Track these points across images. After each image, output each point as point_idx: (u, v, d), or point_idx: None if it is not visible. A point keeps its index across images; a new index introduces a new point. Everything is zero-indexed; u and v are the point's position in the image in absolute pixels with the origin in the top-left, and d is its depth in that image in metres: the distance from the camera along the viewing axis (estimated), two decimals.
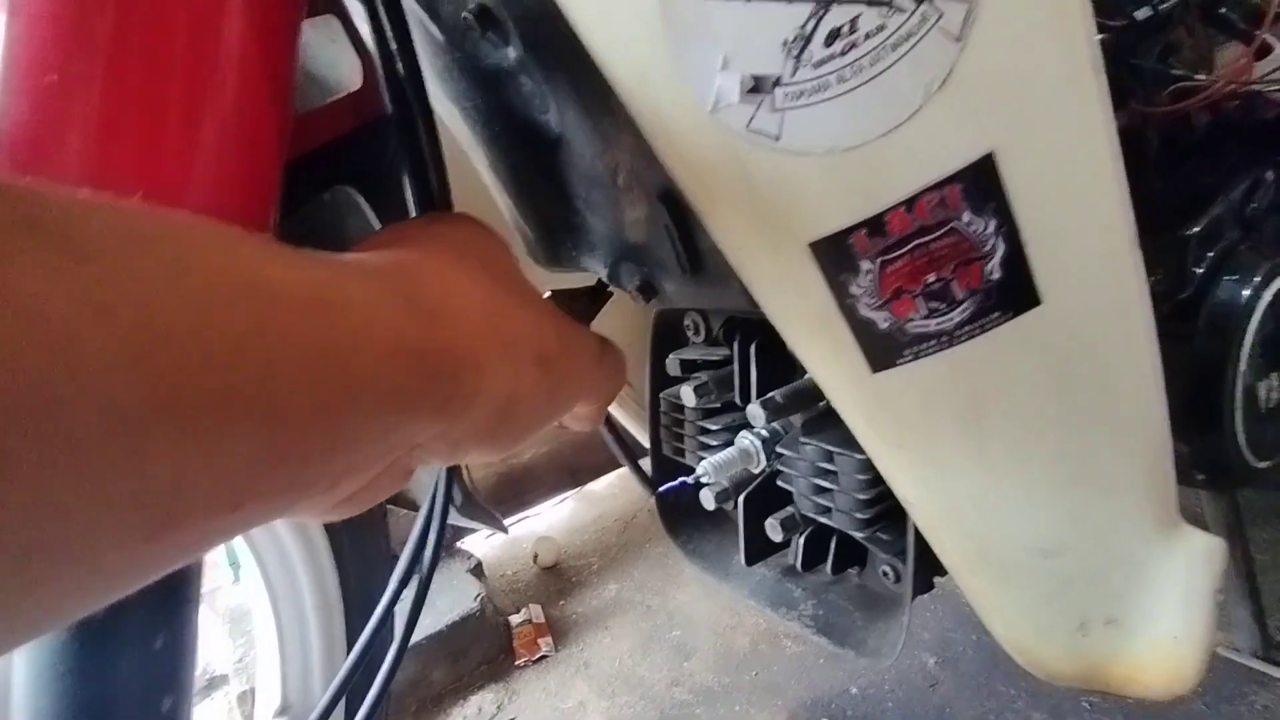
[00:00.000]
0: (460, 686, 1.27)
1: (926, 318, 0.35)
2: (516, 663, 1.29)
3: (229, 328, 0.17)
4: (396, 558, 0.69)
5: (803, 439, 0.58)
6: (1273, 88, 0.69)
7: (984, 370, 0.37)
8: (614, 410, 0.85)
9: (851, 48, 0.29)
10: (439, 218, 0.36)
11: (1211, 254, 0.60)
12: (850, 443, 0.55)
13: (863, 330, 0.36)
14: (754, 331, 0.64)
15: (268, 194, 0.37)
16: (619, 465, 1.71)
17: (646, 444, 0.81)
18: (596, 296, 0.55)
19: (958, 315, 0.35)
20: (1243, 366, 0.57)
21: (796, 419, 0.63)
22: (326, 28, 0.52)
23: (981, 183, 0.32)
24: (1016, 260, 0.34)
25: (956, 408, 0.39)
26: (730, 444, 0.66)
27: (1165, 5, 0.66)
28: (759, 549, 0.68)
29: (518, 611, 1.42)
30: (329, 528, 0.65)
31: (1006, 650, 0.54)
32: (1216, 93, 0.65)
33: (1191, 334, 0.58)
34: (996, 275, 0.34)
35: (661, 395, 0.74)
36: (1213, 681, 0.95)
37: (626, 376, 0.40)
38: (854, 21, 0.28)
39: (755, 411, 0.58)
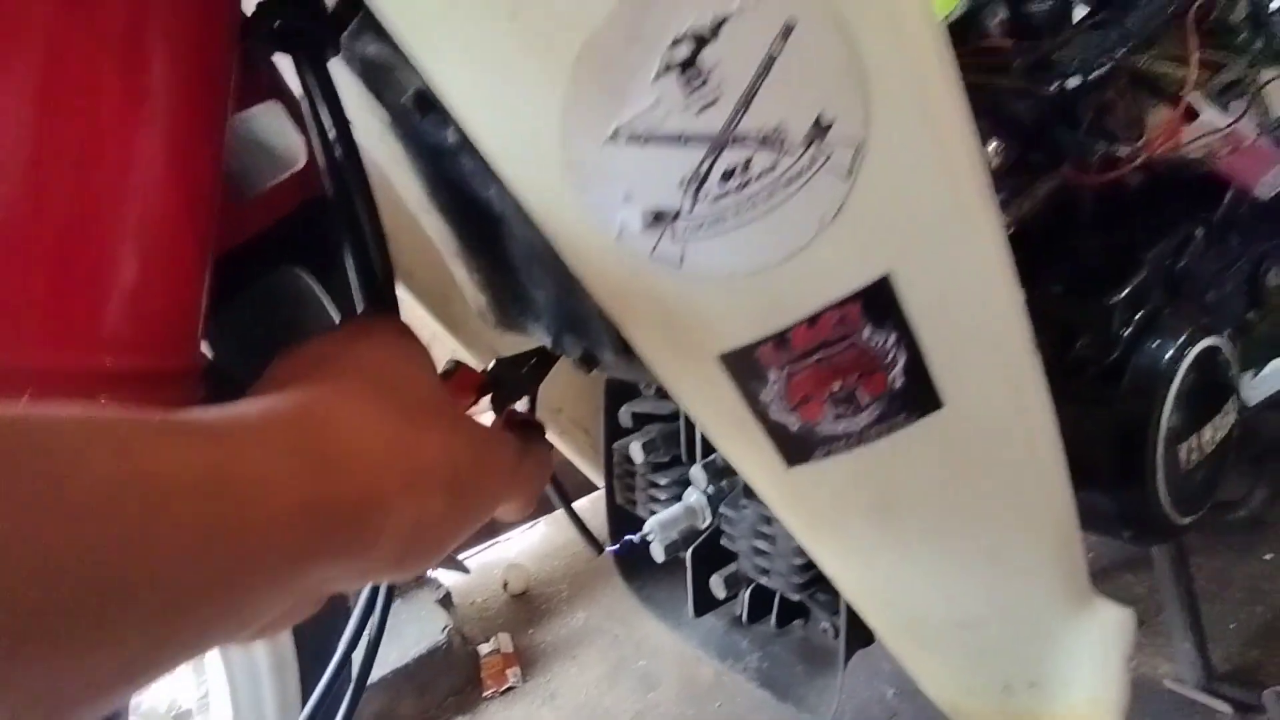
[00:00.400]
0: (427, 719, 1.28)
1: (835, 420, 0.37)
2: (484, 694, 1.30)
3: (111, 528, 0.18)
4: (349, 605, 0.69)
5: (742, 501, 0.60)
6: (1198, 151, 0.71)
7: (892, 466, 0.39)
8: (571, 455, 0.86)
9: (746, 185, 0.30)
10: (359, 333, 0.36)
11: (1137, 318, 0.62)
12: None
13: (776, 431, 0.38)
14: None
15: (193, 292, 0.37)
16: (591, 490, 1.72)
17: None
18: (544, 359, 0.56)
19: (864, 418, 0.37)
20: (1164, 429, 0.59)
21: (737, 480, 0.65)
22: (270, 109, 0.53)
23: (879, 301, 0.33)
24: (917, 368, 0.35)
25: (868, 499, 0.40)
26: (678, 497, 0.68)
27: (1095, 74, 0.68)
28: (707, 601, 0.70)
29: (486, 640, 1.42)
30: None
31: (937, 705, 0.56)
32: (1146, 158, 0.68)
33: (1116, 397, 0.60)
34: (899, 383, 0.36)
35: (614, 447, 0.76)
36: (1158, 712, 0.97)
37: (552, 468, 0.41)
38: (747, 162, 0.30)
39: (698, 474, 0.60)
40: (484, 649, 1.39)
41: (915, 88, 0.30)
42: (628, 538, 0.64)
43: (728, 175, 0.30)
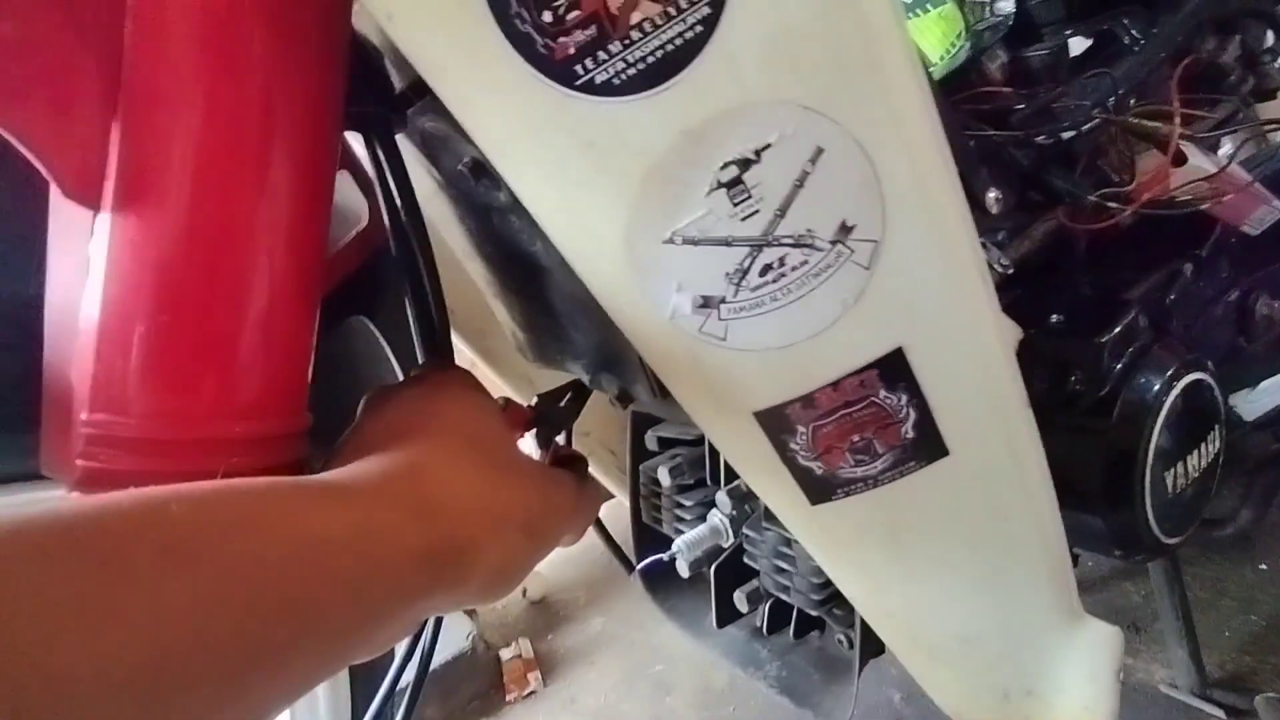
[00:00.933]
0: None
1: (854, 467, 0.42)
2: (507, 698, 1.36)
3: (283, 575, 0.24)
4: None
5: (764, 524, 0.65)
6: (1188, 194, 0.77)
7: (903, 505, 0.44)
8: (602, 479, 0.92)
9: (781, 276, 0.36)
10: (437, 386, 0.40)
11: (1127, 353, 0.67)
12: None
13: (802, 474, 0.43)
14: None
15: (308, 352, 0.41)
16: (606, 498, 1.77)
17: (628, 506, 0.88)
18: (581, 392, 0.61)
19: (880, 465, 0.42)
20: (1151, 457, 0.64)
21: (758, 504, 0.70)
22: (342, 179, 0.58)
23: (893, 368, 0.39)
24: (927, 422, 0.41)
25: (882, 532, 0.46)
26: (703, 517, 0.73)
27: (1088, 125, 0.74)
28: (729, 613, 0.75)
29: (507, 646, 1.48)
30: None
31: (944, 711, 0.61)
32: (1137, 204, 0.73)
33: (1107, 428, 0.65)
34: (911, 435, 0.41)
35: (641, 468, 0.81)
36: (1154, 717, 1.02)
37: (601, 503, 0.46)
38: (783, 258, 0.35)
39: (723, 499, 0.65)
40: (505, 654, 1.45)
41: (923, 196, 0.35)
42: (656, 557, 0.70)
43: (766, 269, 0.36)
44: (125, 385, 0.33)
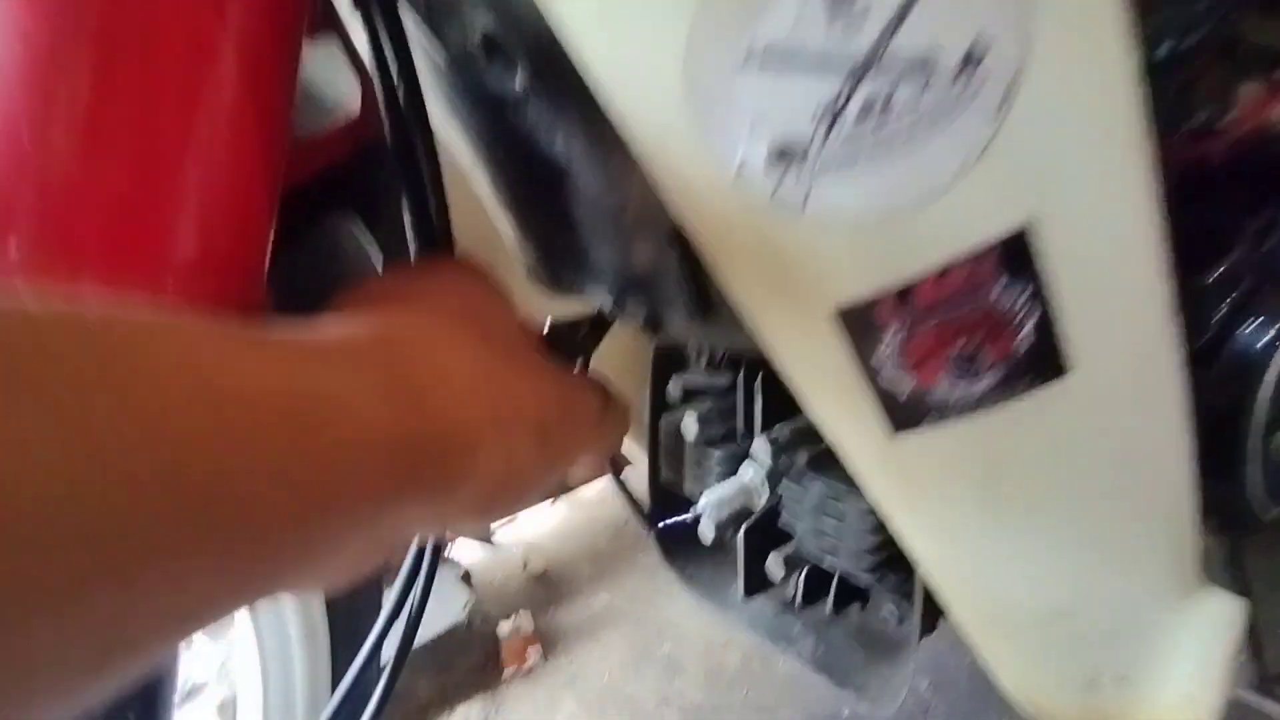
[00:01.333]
0: (446, 698, 1.26)
1: (951, 385, 0.34)
2: (504, 673, 1.28)
3: (180, 440, 0.16)
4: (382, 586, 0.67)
5: (808, 475, 0.57)
6: None
7: (1004, 437, 0.36)
8: None
9: (885, 120, 0.27)
10: (435, 267, 0.34)
11: (1229, 300, 0.59)
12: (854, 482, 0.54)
13: (885, 395, 0.35)
14: (759, 364, 0.63)
15: (261, 230, 0.35)
16: (609, 471, 1.70)
17: (643, 467, 0.80)
18: (599, 325, 0.53)
19: (982, 384, 0.34)
20: (1259, 416, 0.56)
21: (801, 455, 0.62)
22: (325, 48, 0.50)
23: (1015, 255, 0.31)
24: (1047, 329, 0.33)
25: (974, 473, 0.38)
26: (731, 474, 0.65)
27: (1186, 43, 0.65)
28: (758, 582, 0.67)
29: (506, 619, 1.41)
30: None
31: (1010, 698, 0.53)
32: (1234, 130, 0.64)
33: (1207, 382, 0.57)
34: (1026, 345, 0.33)
35: (661, 421, 0.73)
36: None
37: (630, 423, 0.38)
38: (889, 95, 0.27)
39: (760, 448, 0.57)
40: (504, 628, 1.38)
41: (1083, 13, 0.27)
42: (679, 518, 0.62)
43: (866, 109, 0.27)
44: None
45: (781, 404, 0.62)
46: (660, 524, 0.61)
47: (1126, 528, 0.40)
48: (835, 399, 0.36)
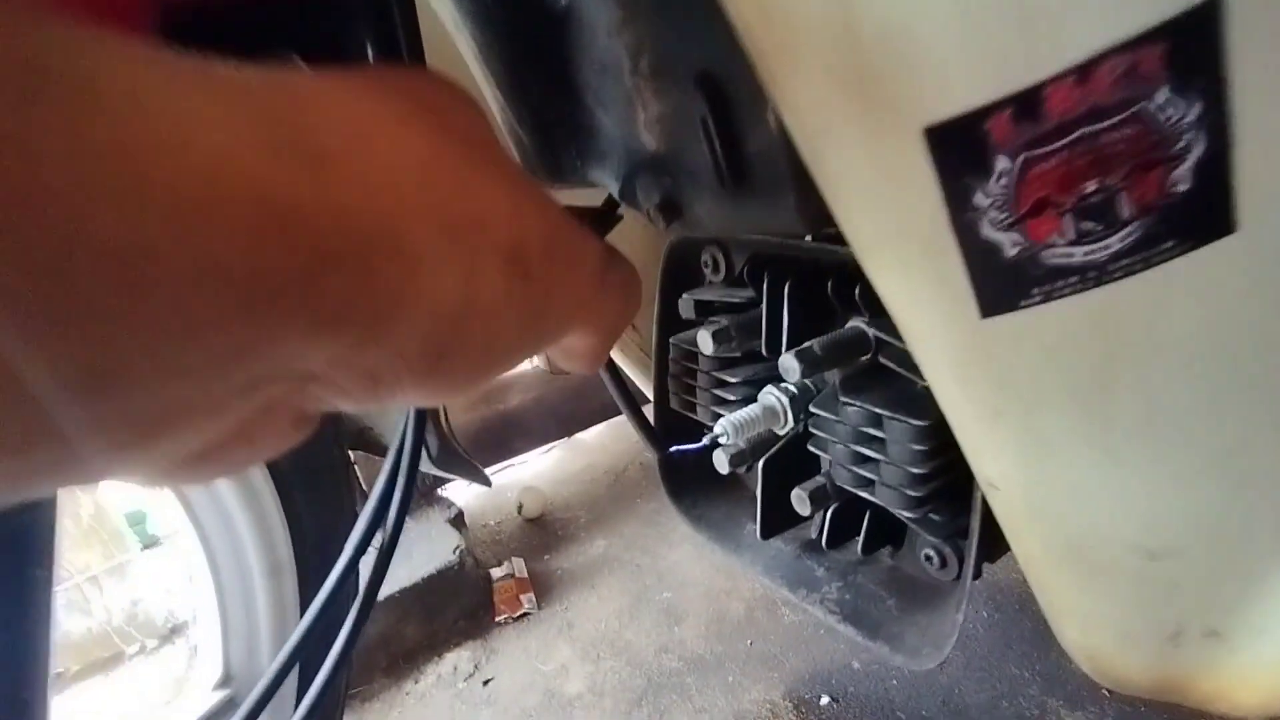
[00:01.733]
0: (435, 643, 1.20)
1: (1073, 244, 0.25)
2: (496, 619, 1.23)
3: None
4: (356, 508, 0.60)
5: (843, 397, 0.49)
6: None
7: (1133, 321, 0.28)
8: (615, 354, 0.76)
9: None
10: (389, 67, 0.25)
11: None
12: (904, 404, 0.46)
13: (980, 258, 0.26)
14: (787, 270, 0.54)
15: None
16: (611, 415, 1.63)
17: (650, 395, 0.72)
18: (605, 219, 0.45)
19: (1117, 242, 0.25)
20: None
21: (833, 375, 0.54)
22: None
23: (1195, 44, 0.22)
24: (1216, 167, 0.24)
25: (1084, 369, 0.29)
26: (750, 400, 0.57)
27: None
28: (778, 521, 0.60)
29: (499, 565, 1.35)
30: (278, 481, 0.56)
31: (1070, 653, 0.46)
32: None
33: None
34: (1183, 187, 0.24)
35: (671, 341, 0.65)
36: None
37: (640, 302, 0.30)
38: None
39: (789, 364, 0.49)
40: (497, 573, 1.32)
41: None
42: (692, 446, 0.54)
43: None
44: None
45: (813, 317, 0.54)
46: (673, 448, 0.53)
47: (1263, 448, 0.32)
48: (913, 265, 0.28)
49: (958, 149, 0.24)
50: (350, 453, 0.66)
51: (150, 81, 0.12)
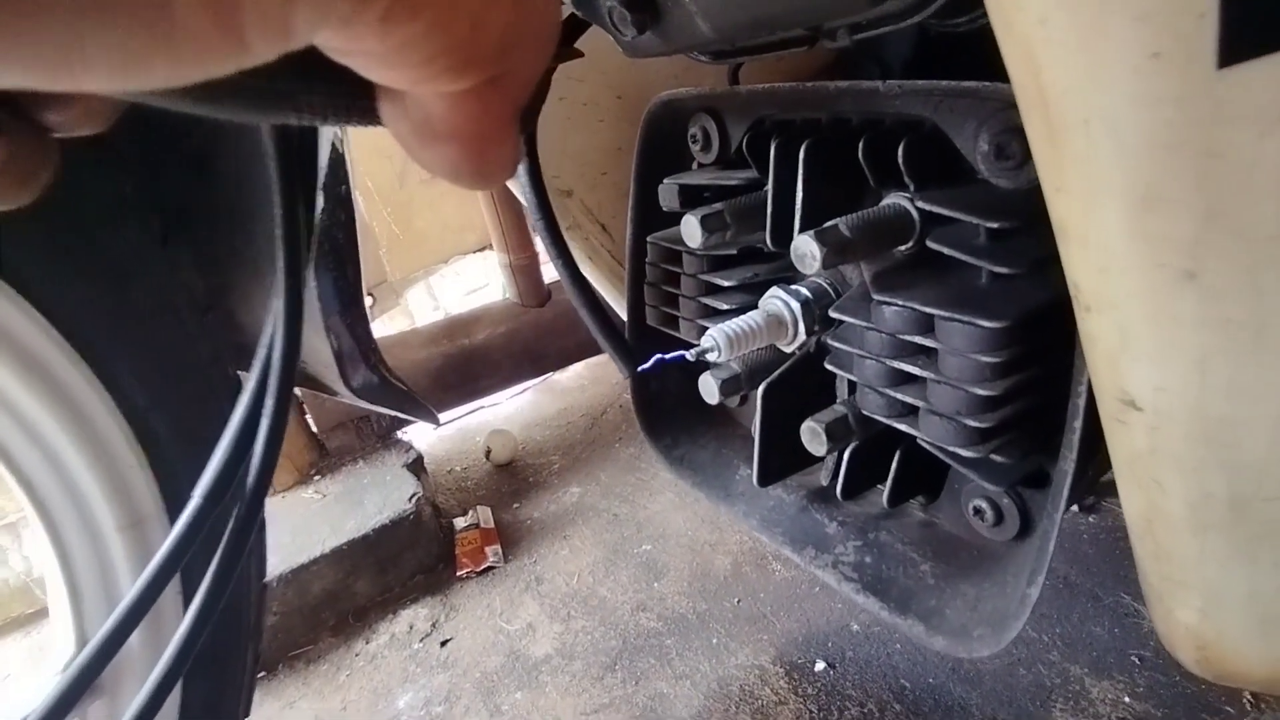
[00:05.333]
0: (389, 599, 1.09)
1: None
2: (458, 574, 1.11)
3: None
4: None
5: (878, 297, 0.36)
6: None
7: None
8: (585, 269, 0.62)
9: None
10: None
11: None
12: (967, 302, 0.33)
13: None
14: (800, 137, 0.40)
15: None
16: (590, 354, 1.49)
17: (623, 314, 0.58)
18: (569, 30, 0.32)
19: None
20: None
21: (862, 271, 0.40)
22: None
23: None
24: None
25: None
26: (751, 308, 0.44)
27: None
28: (779, 463, 0.47)
29: (463, 514, 1.23)
30: (130, 414, 0.43)
31: (1169, 641, 0.35)
32: None
33: None
34: None
35: (650, 240, 0.51)
36: None
37: (558, 28, 0.17)
38: None
39: (806, 248, 0.35)
40: (460, 523, 1.20)
41: None
42: (674, 353, 0.41)
43: None
44: None
45: (836, 195, 0.40)
46: (645, 364, 0.39)
47: None
48: None
49: None
50: (241, 375, 0.52)
51: None
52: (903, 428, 0.37)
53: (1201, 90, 0.15)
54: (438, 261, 2.09)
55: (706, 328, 0.43)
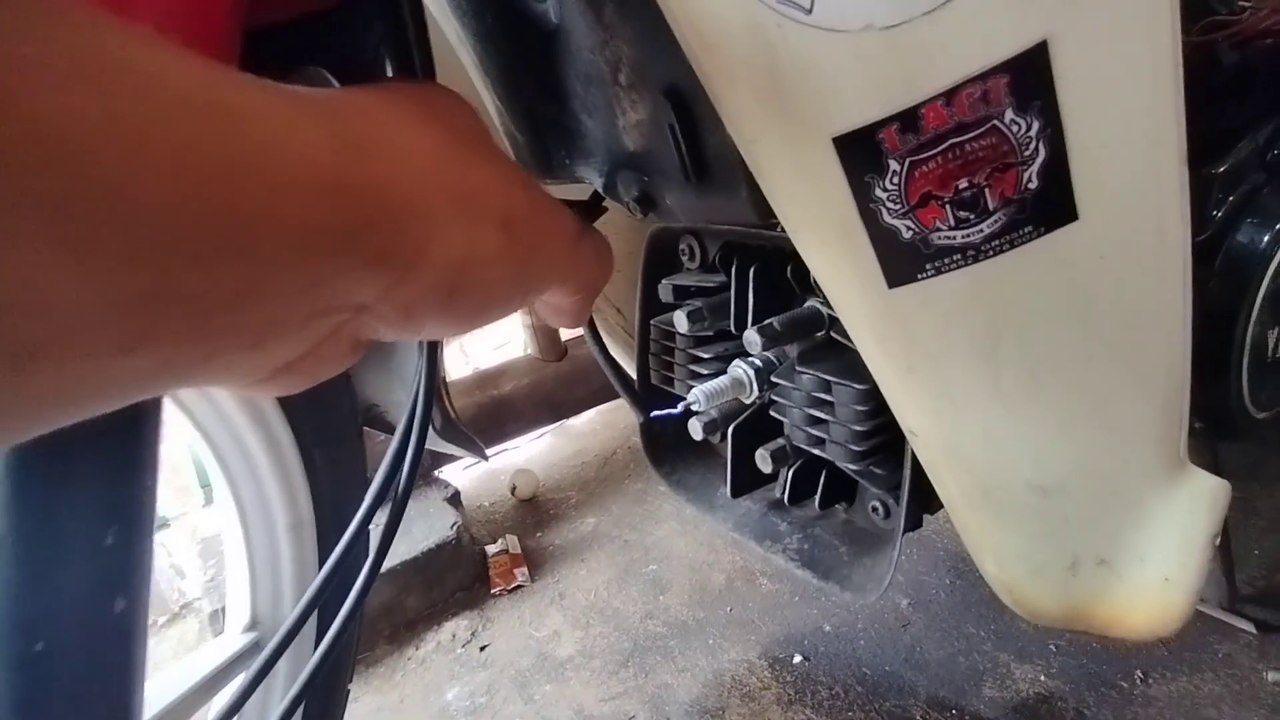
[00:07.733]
0: (435, 613, 1.27)
1: (954, 229, 0.33)
2: (492, 591, 1.29)
3: (76, 115, 0.14)
4: (368, 475, 0.66)
5: (799, 368, 0.56)
6: None
7: (1007, 290, 0.35)
8: (603, 335, 0.82)
9: None
10: (409, 82, 0.32)
11: (1233, 197, 0.57)
12: (849, 372, 0.53)
13: (883, 240, 0.33)
14: (753, 257, 0.61)
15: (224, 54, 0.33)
16: (601, 401, 1.69)
17: (633, 373, 0.79)
18: (591, 210, 0.52)
19: (987, 227, 0.32)
20: (1255, 314, 0.55)
21: (792, 350, 0.61)
22: None
23: (1030, 76, 0.29)
24: (1057, 169, 0.31)
25: (974, 330, 0.36)
26: (722, 374, 0.64)
27: None
28: (746, 481, 0.67)
29: (494, 542, 1.42)
30: (302, 445, 0.63)
31: (994, 589, 0.53)
32: (1250, 28, 0.62)
33: (1206, 278, 0.56)
34: (1034, 184, 0.31)
35: (652, 323, 0.72)
36: (1183, 630, 0.96)
37: (612, 268, 0.37)
38: None
39: (752, 338, 0.56)
40: (492, 549, 1.39)
41: None
42: (668, 411, 0.61)
43: None
44: None
45: (774, 300, 0.61)
46: (654, 412, 0.60)
47: (1122, 397, 0.39)
48: (832, 246, 0.35)
49: (859, 153, 0.31)
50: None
51: (265, 101, 0.19)
52: (817, 452, 0.57)
53: (886, 297, 0.35)
54: None
55: (693, 386, 0.64)
